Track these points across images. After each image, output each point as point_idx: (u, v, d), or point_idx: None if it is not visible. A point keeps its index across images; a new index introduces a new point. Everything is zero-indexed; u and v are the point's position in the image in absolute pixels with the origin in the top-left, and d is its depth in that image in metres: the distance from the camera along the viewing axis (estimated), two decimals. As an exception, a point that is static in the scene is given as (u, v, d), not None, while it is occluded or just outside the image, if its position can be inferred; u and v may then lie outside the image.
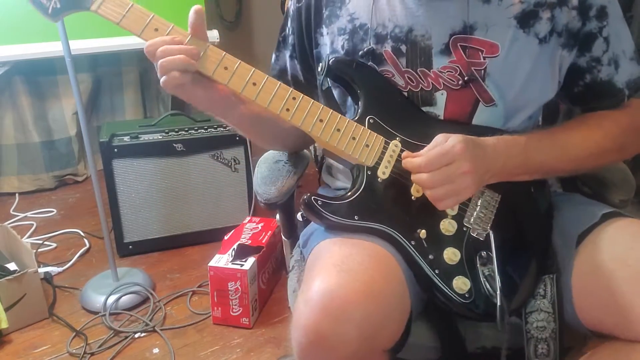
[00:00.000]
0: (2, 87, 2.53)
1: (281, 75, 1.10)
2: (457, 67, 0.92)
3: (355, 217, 0.88)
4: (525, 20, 0.91)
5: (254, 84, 0.87)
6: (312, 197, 0.88)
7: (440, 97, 0.94)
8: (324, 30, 1.00)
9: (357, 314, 0.74)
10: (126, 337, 1.68)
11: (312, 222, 1.06)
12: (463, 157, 0.83)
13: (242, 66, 0.87)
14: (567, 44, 0.92)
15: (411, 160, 0.86)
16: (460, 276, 0.87)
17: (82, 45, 2.33)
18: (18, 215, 2.46)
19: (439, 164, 0.83)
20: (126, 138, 2.04)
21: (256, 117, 0.97)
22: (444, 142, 0.84)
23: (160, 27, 0.85)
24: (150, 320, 1.75)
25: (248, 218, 2.02)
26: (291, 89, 0.89)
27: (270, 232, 1.90)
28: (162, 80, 0.84)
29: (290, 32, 1.07)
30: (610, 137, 0.95)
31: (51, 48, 2.27)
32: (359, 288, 0.76)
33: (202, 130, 2.12)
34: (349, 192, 0.90)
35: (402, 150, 0.91)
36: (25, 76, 2.55)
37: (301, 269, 1.08)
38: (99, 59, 2.72)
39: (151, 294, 1.87)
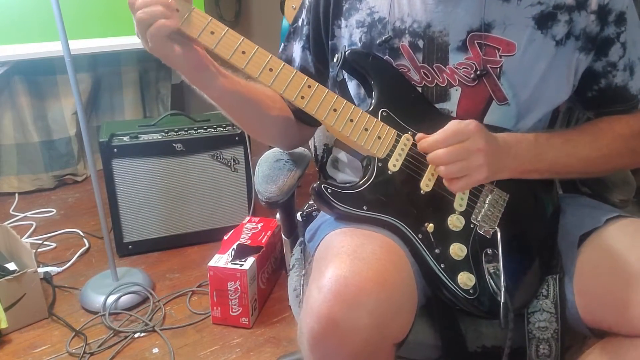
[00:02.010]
0: (2, 86, 2.53)
1: None
2: (473, 63, 0.93)
3: (364, 208, 0.89)
4: (543, 21, 0.91)
5: (271, 69, 0.88)
6: (322, 185, 0.89)
7: (455, 93, 0.95)
8: (342, 22, 1.01)
9: (370, 301, 0.75)
10: (126, 337, 1.68)
11: (317, 217, 1.06)
12: (478, 134, 0.85)
13: (260, 52, 0.88)
14: (584, 48, 0.93)
15: (427, 138, 0.88)
16: (465, 272, 0.87)
17: (82, 45, 2.34)
18: (18, 215, 2.46)
19: (454, 140, 0.85)
20: (126, 138, 2.04)
21: (239, 96, 0.96)
22: (459, 123, 0.86)
23: None
24: (149, 320, 1.75)
25: (247, 218, 2.02)
26: (306, 77, 0.90)
27: (269, 232, 1.90)
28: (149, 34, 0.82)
29: (304, 23, 1.07)
30: (621, 140, 0.95)
31: (51, 48, 2.27)
32: (372, 276, 0.76)
33: (202, 130, 2.12)
34: (359, 182, 0.91)
35: (413, 144, 0.92)
36: (25, 76, 2.56)
37: (302, 267, 1.08)
38: (98, 58, 2.72)
39: (151, 293, 1.87)
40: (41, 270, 1.91)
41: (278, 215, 1.20)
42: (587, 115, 1.05)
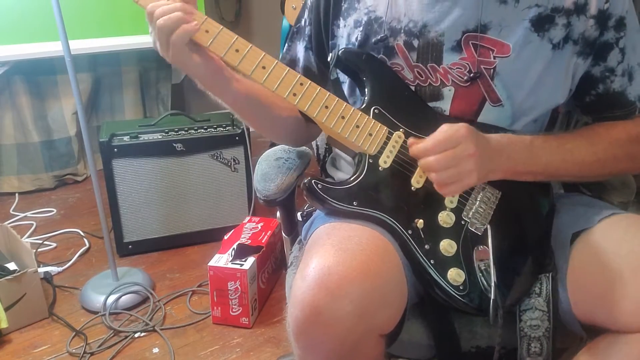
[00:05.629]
0: (2, 86, 2.53)
1: (290, 65, 1.11)
2: (467, 64, 0.93)
3: (354, 203, 0.89)
4: (541, 24, 0.91)
5: (264, 67, 0.89)
6: (313, 181, 0.90)
7: (448, 93, 0.95)
8: (341, 22, 1.02)
9: (354, 290, 0.75)
10: (126, 337, 1.68)
11: (313, 215, 1.06)
12: (468, 140, 0.85)
13: (253, 50, 0.89)
14: (583, 52, 0.93)
15: (417, 145, 0.88)
16: (455, 268, 0.88)
17: (82, 45, 2.34)
18: (18, 215, 2.46)
19: (445, 147, 0.85)
20: (126, 138, 2.04)
21: (252, 99, 0.97)
22: (450, 128, 0.86)
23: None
24: (150, 320, 1.76)
25: (248, 218, 2.03)
26: (299, 74, 0.90)
27: (270, 231, 1.90)
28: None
29: (306, 23, 1.08)
30: (618, 145, 0.95)
31: (51, 48, 2.28)
32: (356, 266, 0.77)
33: (202, 130, 2.12)
34: (350, 178, 0.91)
35: (405, 142, 0.92)
36: (25, 76, 2.55)
37: (298, 264, 1.09)
38: (98, 58, 2.71)
39: (151, 293, 1.87)
40: (41, 270, 1.91)
41: (278, 213, 1.20)
42: (585, 119, 1.04)
